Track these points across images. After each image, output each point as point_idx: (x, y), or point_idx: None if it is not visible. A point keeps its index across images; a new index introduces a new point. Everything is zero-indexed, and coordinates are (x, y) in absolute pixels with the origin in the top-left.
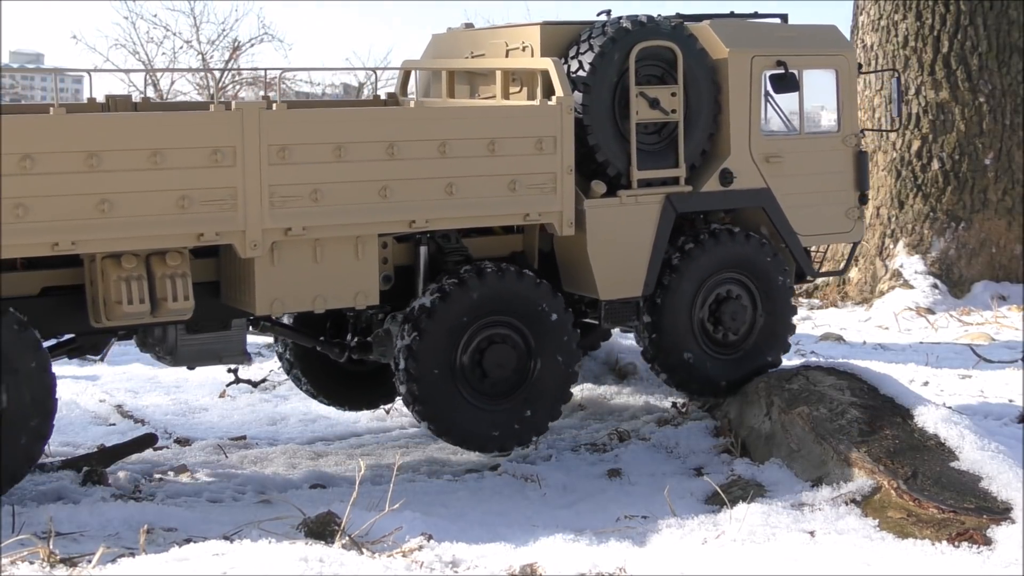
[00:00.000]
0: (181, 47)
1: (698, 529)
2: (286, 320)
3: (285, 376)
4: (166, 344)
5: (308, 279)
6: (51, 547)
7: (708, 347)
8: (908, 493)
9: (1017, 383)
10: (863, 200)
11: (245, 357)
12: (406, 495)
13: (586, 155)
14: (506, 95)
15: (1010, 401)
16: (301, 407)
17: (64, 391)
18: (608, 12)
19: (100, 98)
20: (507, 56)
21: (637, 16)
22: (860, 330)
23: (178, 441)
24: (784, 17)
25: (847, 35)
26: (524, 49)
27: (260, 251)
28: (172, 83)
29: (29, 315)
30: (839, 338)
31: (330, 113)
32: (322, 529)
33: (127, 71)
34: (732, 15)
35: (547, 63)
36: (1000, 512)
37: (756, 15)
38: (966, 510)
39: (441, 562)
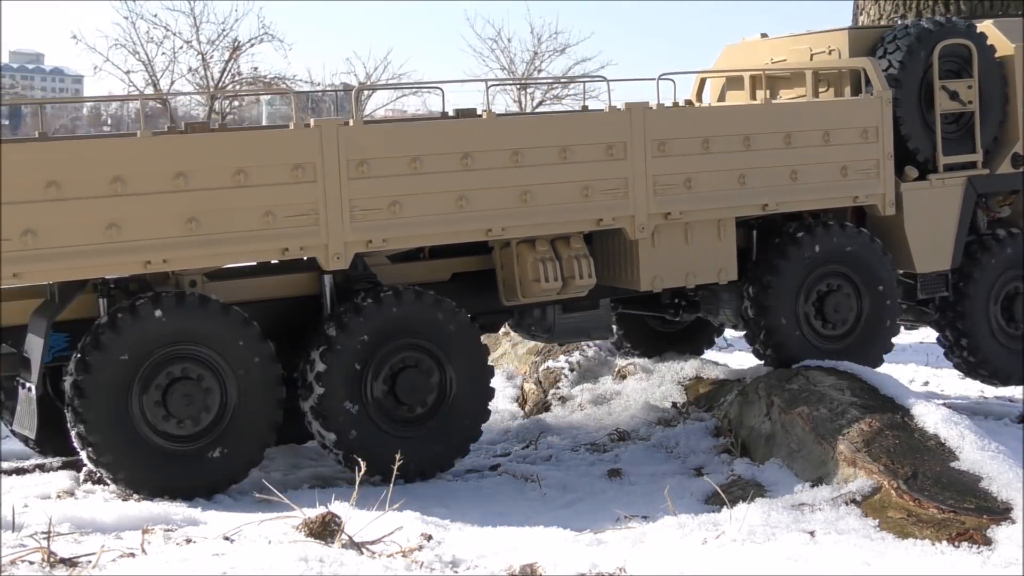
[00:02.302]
0: (181, 47)
1: (698, 529)
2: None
3: None
4: (544, 323)
5: (680, 258)
6: (51, 547)
7: (1002, 339)
8: (908, 493)
9: None
10: None
11: (609, 333)
12: (406, 495)
13: (897, 143)
14: (816, 95)
15: (1010, 401)
16: None
17: None
18: (904, 15)
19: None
20: (811, 60)
21: (936, 17)
22: None
23: None
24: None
25: None
26: (831, 52)
27: (646, 234)
28: (172, 83)
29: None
30: None
31: (700, 111)
32: (322, 529)
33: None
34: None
35: (865, 62)
36: (1000, 512)
37: None
38: (966, 510)
39: (441, 562)
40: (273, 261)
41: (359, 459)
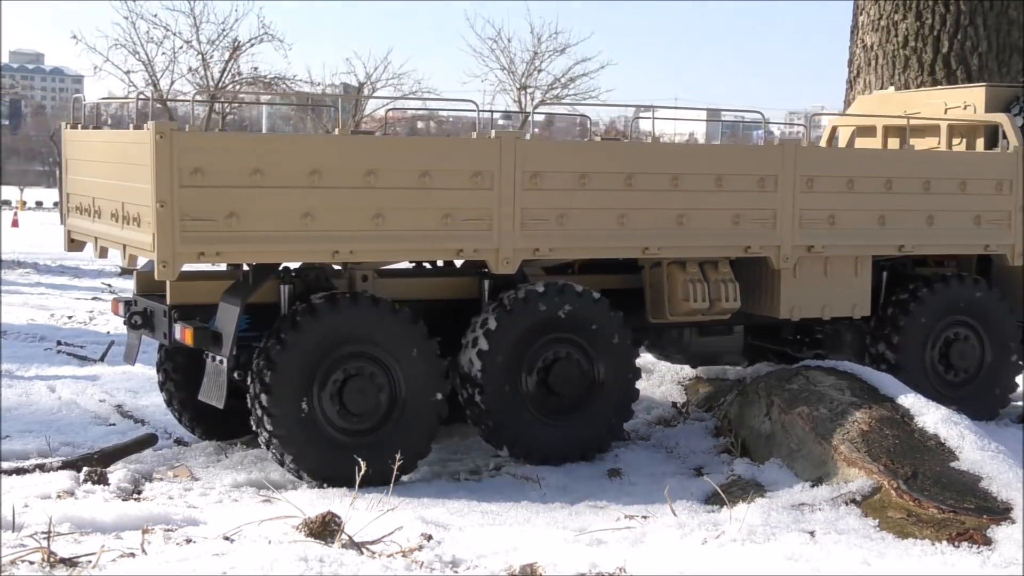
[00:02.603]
0: (181, 47)
1: (698, 529)
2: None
3: None
4: (680, 343)
5: (818, 291)
6: (51, 547)
7: None
8: (908, 493)
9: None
10: None
11: (741, 358)
12: (406, 495)
13: None
14: (949, 147)
15: None
16: None
17: (64, 391)
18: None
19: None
20: (946, 114)
21: None
22: None
23: (178, 441)
24: None
25: (847, 35)
26: (965, 107)
27: (789, 264)
28: (172, 83)
29: None
30: None
31: (847, 151)
32: (322, 529)
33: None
34: None
35: (1001, 118)
36: (1000, 512)
37: None
38: (966, 510)
39: (441, 562)
40: (427, 264)
41: (509, 444)
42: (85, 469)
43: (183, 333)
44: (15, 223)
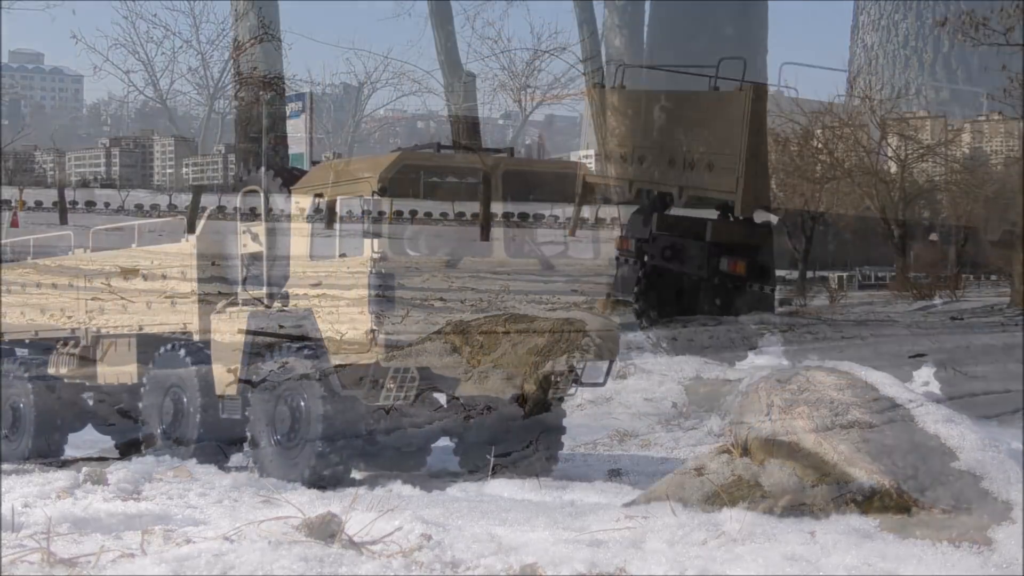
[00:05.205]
0: (181, 47)
1: (698, 529)
2: None
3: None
4: None
5: None
6: (51, 547)
7: None
8: (908, 493)
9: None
10: None
11: None
12: (405, 496)
13: None
14: None
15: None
16: None
17: (64, 391)
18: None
19: None
20: None
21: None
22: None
23: (177, 441)
24: None
25: (847, 35)
26: None
27: None
28: (172, 83)
29: None
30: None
31: None
32: (322, 529)
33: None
34: None
35: None
36: (1000, 512)
37: None
38: (966, 510)
39: (441, 562)
40: None
41: None
42: (85, 469)
43: (734, 265)
44: (15, 223)
